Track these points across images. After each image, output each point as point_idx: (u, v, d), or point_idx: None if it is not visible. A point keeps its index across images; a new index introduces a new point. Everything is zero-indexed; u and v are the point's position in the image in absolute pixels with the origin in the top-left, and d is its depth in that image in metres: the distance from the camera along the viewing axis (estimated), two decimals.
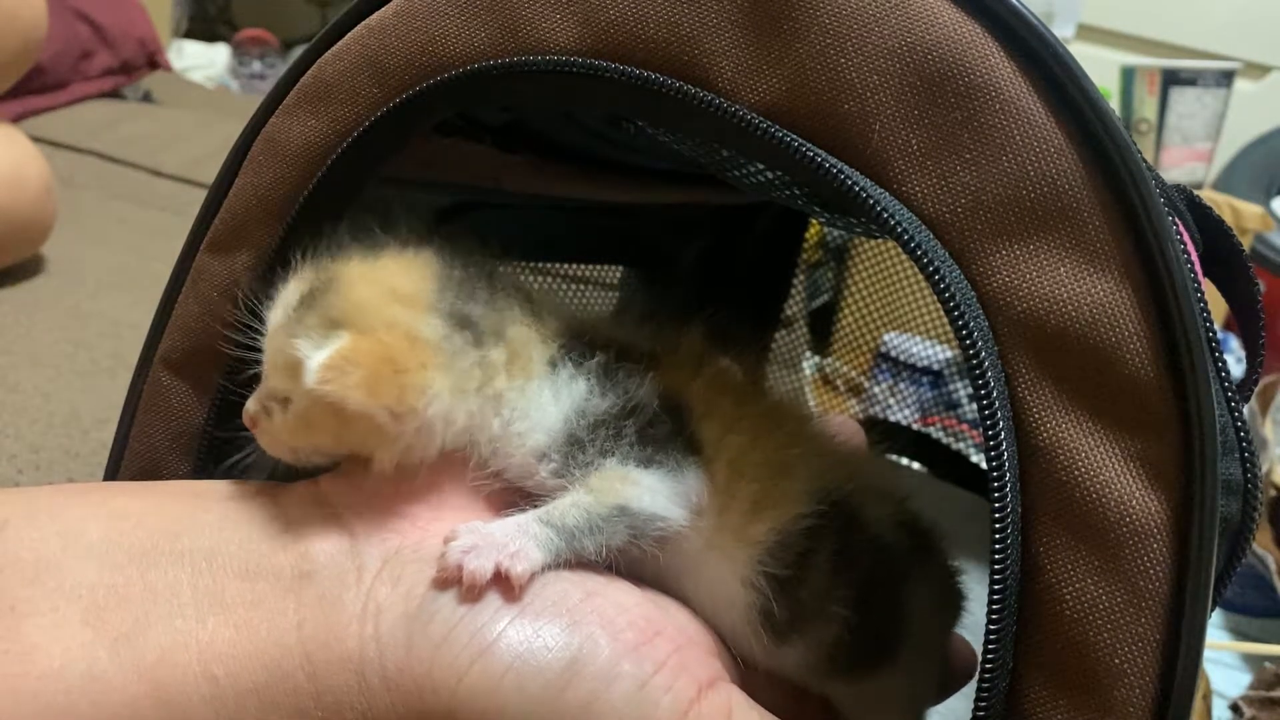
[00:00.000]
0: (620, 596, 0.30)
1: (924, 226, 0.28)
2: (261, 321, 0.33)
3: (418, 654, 0.28)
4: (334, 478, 0.32)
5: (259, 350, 0.33)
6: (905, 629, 0.34)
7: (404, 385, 0.29)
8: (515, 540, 0.29)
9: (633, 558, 0.31)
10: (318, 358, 0.28)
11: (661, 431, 0.31)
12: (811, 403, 0.79)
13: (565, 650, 0.28)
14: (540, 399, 0.32)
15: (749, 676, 0.32)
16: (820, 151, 0.29)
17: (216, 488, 0.33)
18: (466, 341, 0.31)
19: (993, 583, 0.27)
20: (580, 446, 0.31)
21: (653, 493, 0.30)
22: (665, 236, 0.57)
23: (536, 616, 0.28)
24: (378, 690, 0.28)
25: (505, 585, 0.28)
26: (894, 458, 0.66)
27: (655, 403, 0.32)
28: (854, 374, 0.89)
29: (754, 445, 0.32)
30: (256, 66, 1.90)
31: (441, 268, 0.32)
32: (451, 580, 0.28)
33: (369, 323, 0.30)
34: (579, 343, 0.33)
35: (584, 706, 0.27)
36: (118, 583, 0.28)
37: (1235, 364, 0.86)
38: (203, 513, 0.31)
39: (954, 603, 0.38)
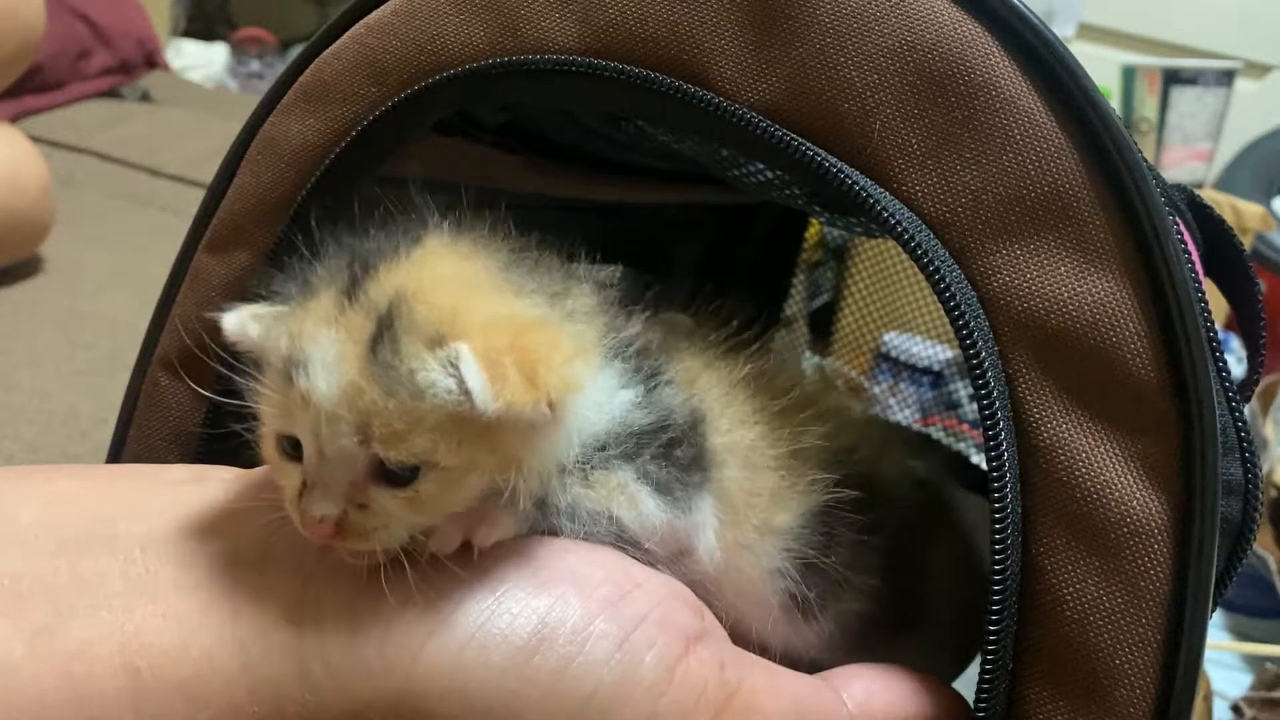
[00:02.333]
0: (594, 552, 0.28)
1: (924, 226, 0.28)
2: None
3: (365, 635, 0.26)
4: None
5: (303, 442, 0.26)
6: (927, 594, 0.33)
7: (553, 366, 0.25)
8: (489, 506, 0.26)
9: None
10: (475, 377, 0.23)
11: (686, 455, 0.29)
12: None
13: (532, 613, 0.26)
14: (587, 401, 0.28)
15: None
16: (820, 151, 0.29)
17: (169, 472, 0.31)
18: (557, 311, 0.27)
19: (993, 583, 0.27)
20: (602, 450, 0.28)
21: (644, 519, 0.28)
22: (665, 236, 0.57)
23: (499, 580, 0.26)
24: (321, 680, 0.25)
25: (466, 553, 0.26)
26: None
27: (686, 421, 0.29)
28: (854, 374, 0.89)
29: (770, 437, 0.31)
30: (255, 66, 1.90)
31: (488, 244, 0.28)
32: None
33: (470, 323, 0.25)
34: (623, 336, 0.30)
35: (557, 672, 0.25)
36: (45, 571, 0.27)
37: (1236, 364, 0.86)
38: (148, 497, 0.29)
39: (973, 564, 0.36)
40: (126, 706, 0.25)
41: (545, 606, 0.26)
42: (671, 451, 0.29)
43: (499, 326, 0.25)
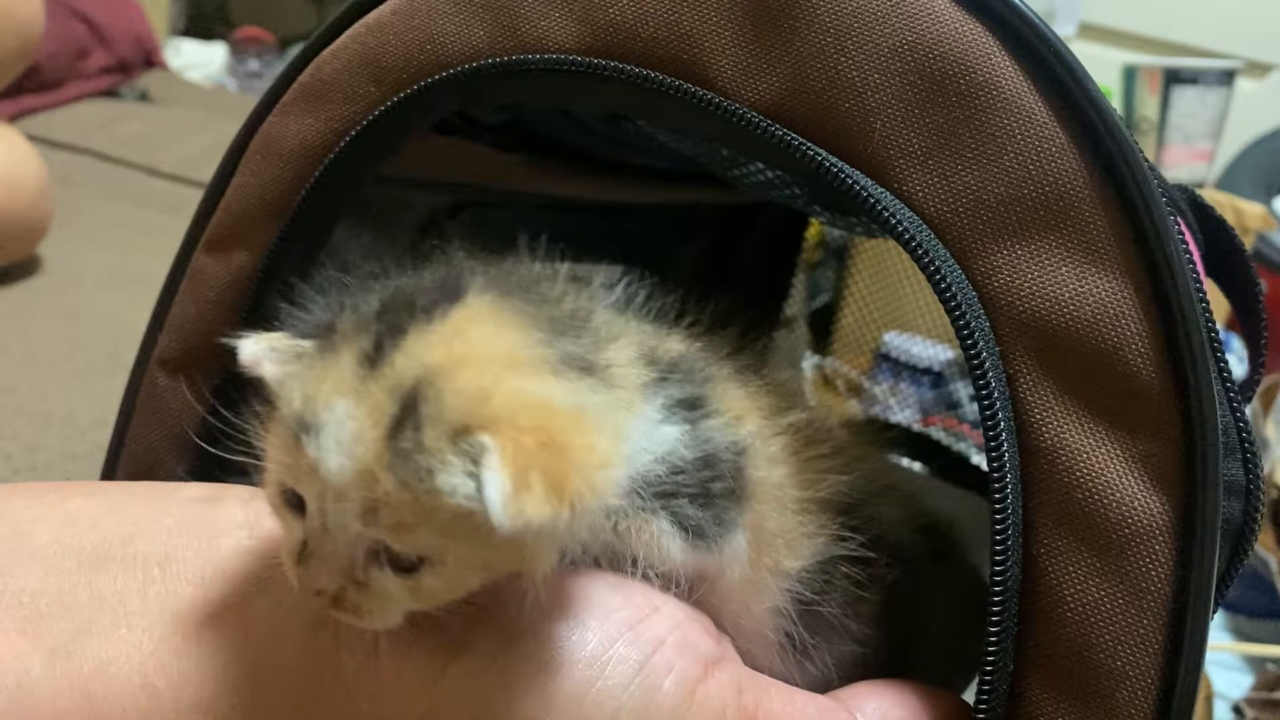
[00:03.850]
0: (611, 576, 0.28)
1: (925, 226, 0.28)
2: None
3: (385, 658, 0.26)
4: None
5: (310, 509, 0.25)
6: (924, 641, 0.33)
7: (583, 472, 0.23)
8: None
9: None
10: (494, 489, 0.21)
11: (724, 490, 0.28)
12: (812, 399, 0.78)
13: (552, 638, 0.26)
14: (625, 450, 0.25)
15: None
16: (820, 151, 0.29)
17: (184, 490, 0.31)
18: (594, 388, 0.25)
19: (993, 584, 0.27)
20: (637, 496, 0.26)
21: (672, 564, 0.27)
22: (665, 236, 0.57)
23: (516, 605, 0.26)
24: (338, 700, 0.26)
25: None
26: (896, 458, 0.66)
27: (730, 455, 0.28)
28: (854, 374, 0.89)
29: (795, 478, 0.30)
30: (254, 65, 1.90)
31: (522, 305, 0.26)
32: None
33: (500, 414, 0.23)
34: (660, 365, 0.28)
35: (577, 698, 0.25)
36: (63, 589, 0.27)
37: (1237, 364, 0.86)
38: (163, 516, 0.29)
39: (975, 606, 0.37)
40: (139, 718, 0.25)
41: (564, 631, 0.26)
42: (710, 488, 0.27)
43: (532, 420, 0.23)
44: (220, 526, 0.29)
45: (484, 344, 0.24)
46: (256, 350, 0.25)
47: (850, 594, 0.31)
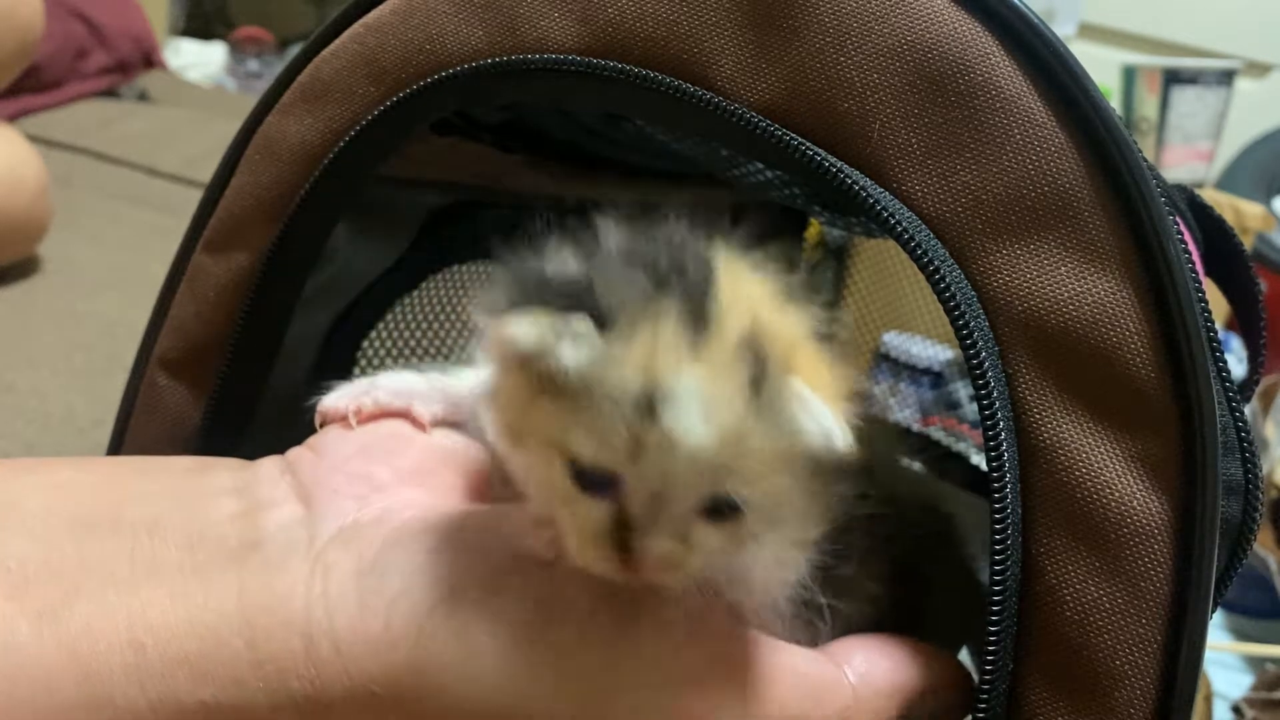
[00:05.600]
0: None
1: (924, 226, 0.28)
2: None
3: (372, 609, 0.26)
4: (302, 449, 0.31)
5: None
6: (926, 604, 0.33)
7: (845, 405, 0.24)
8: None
9: None
10: (829, 418, 0.23)
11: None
12: None
13: (541, 584, 0.26)
14: None
15: None
16: (819, 150, 0.29)
17: (176, 461, 0.31)
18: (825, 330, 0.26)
19: (993, 584, 0.27)
20: None
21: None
22: None
23: (506, 553, 0.26)
24: (327, 656, 0.26)
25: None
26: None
27: None
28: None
29: None
30: (253, 65, 1.90)
31: (757, 251, 0.27)
32: None
33: (803, 359, 0.24)
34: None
35: (565, 647, 0.26)
36: (51, 556, 0.27)
37: (1237, 364, 0.86)
38: (151, 484, 0.29)
39: (972, 599, 0.36)
40: (132, 681, 0.26)
41: (551, 579, 0.26)
42: None
43: (816, 359, 0.24)
44: (208, 492, 0.29)
45: (760, 293, 0.25)
46: (541, 333, 0.23)
47: (864, 554, 0.31)
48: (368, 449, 0.30)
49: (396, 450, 0.31)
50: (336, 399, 0.32)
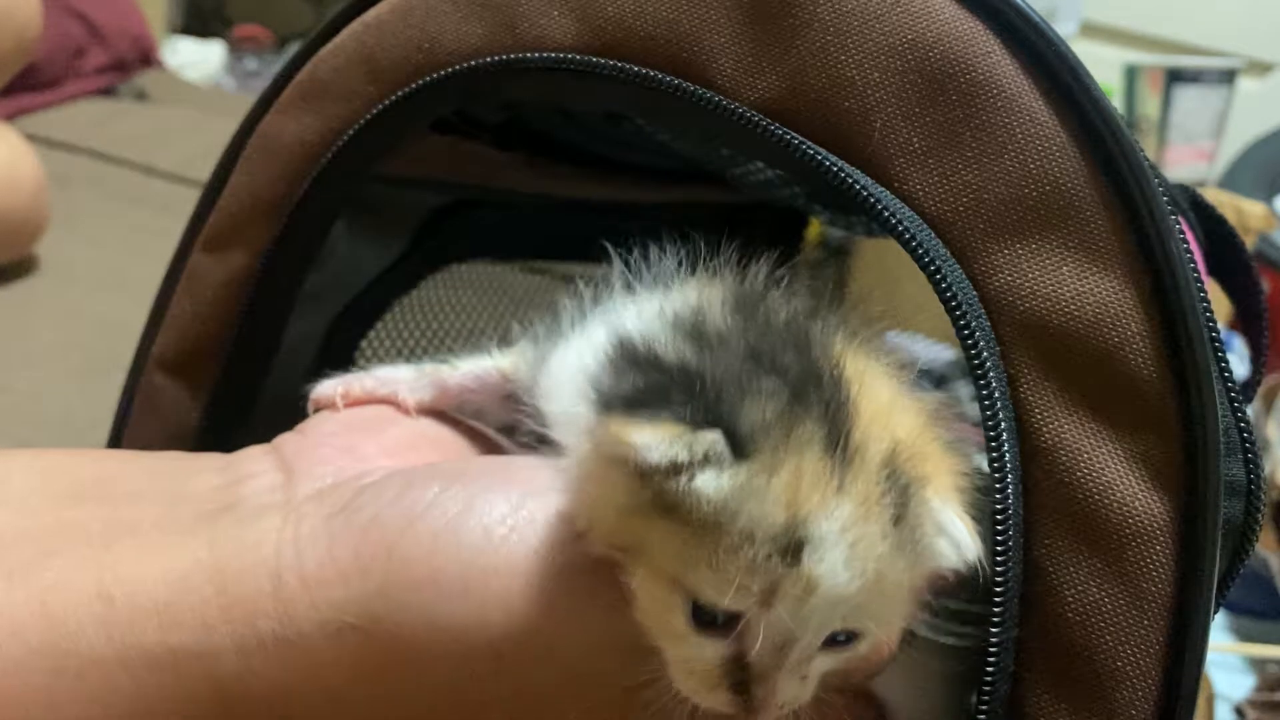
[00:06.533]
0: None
1: (925, 225, 0.28)
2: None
3: (342, 541, 0.26)
4: (288, 433, 0.31)
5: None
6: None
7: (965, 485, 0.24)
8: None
9: None
10: (969, 539, 0.22)
11: None
12: None
13: (506, 499, 0.26)
14: None
15: None
16: (820, 149, 0.29)
17: (166, 453, 0.32)
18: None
19: (994, 585, 0.27)
20: None
21: None
22: (665, 236, 0.56)
23: (472, 477, 0.27)
24: (295, 593, 0.26)
25: None
26: None
27: None
28: None
29: None
30: (251, 64, 1.90)
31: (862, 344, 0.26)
32: None
33: (937, 469, 0.23)
34: None
35: (526, 554, 0.26)
36: (30, 526, 0.27)
37: (1239, 364, 0.86)
38: (135, 463, 0.30)
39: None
40: (100, 632, 0.26)
41: (519, 494, 0.27)
42: None
43: (939, 456, 0.23)
44: (192, 470, 0.30)
45: (887, 399, 0.23)
46: (675, 452, 0.21)
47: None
48: (351, 425, 0.31)
49: (380, 428, 0.31)
50: (326, 385, 0.32)
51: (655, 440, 0.21)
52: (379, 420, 0.31)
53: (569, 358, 0.27)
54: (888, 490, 0.22)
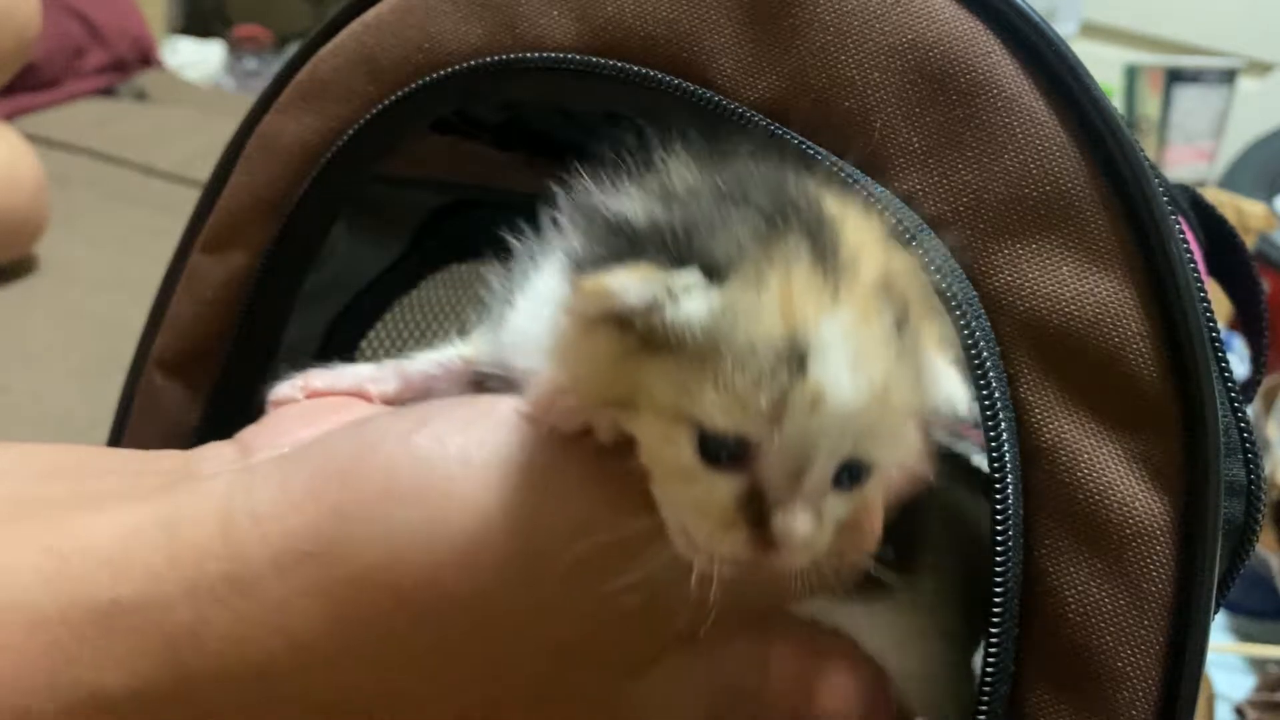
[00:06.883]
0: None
1: (925, 225, 0.28)
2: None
3: (293, 472, 0.26)
4: (250, 426, 0.32)
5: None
6: (924, 543, 0.32)
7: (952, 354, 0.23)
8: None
9: None
10: (958, 382, 0.22)
11: None
12: None
13: (457, 419, 0.26)
14: None
15: (765, 622, 0.27)
16: (820, 149, 0.29)
17: (144, 451, 0.32)
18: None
19: (994, 586, 0.27)
20: None
21: None
22: None
23: (426, 408, 0.27)
24: (246, 531, 0.25)
25: None
26: None
27: None
28: None
29: None
30: (251, 64, 1.90)
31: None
32: None
33: (918, 294, 0.23)
34: None
35: (485, 463, 0.25)
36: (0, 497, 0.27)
37: (1239, 364, 0.86)
38: (114, 455, 0.31)
39: (974, 545, 0.32)
40: (45, 586, 0.25)
41: (470, 412, 0.26)
42: None
43: (929, 307, 0.22)
44: (161, 456, 0.30)
45: (876, 231, 0.22)
46: (652, 289, 0.20)
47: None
48: (310, 412, 0.31)
49: (343, 410, 0.31)
50: (284, 385, 0.32)
51: (630, 281, 0.20)
52: (342, 404, 0.31)
53: (531, 301, 0.27)
54: (885, 302, 0.21)
